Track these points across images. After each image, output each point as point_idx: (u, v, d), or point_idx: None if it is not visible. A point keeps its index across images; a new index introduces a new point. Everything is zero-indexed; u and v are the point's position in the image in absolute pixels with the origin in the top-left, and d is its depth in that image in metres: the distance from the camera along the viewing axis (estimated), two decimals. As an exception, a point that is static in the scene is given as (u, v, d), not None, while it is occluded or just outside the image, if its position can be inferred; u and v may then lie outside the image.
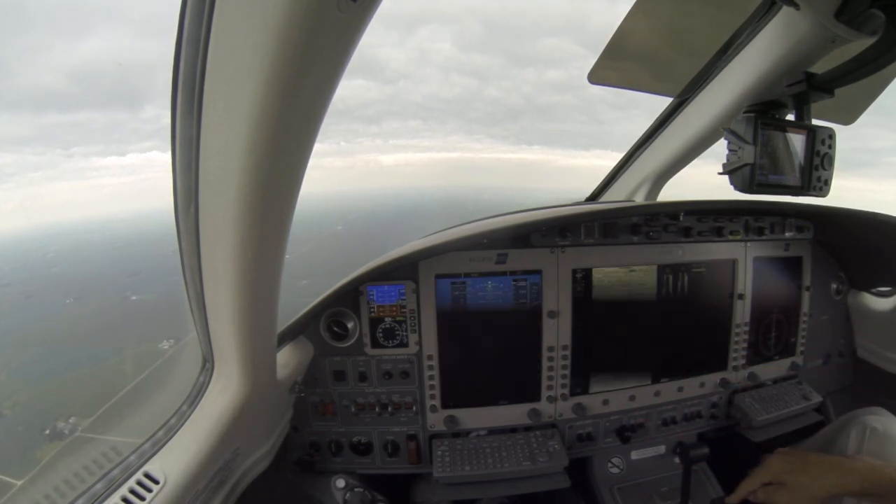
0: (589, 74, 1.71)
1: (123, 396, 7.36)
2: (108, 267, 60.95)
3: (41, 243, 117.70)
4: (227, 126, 0.70)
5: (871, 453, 1.52)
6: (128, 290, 41.44)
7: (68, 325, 34.70)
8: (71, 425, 13.00)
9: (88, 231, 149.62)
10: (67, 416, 13.91)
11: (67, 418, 13.63)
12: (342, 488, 1.62)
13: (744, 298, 1.97)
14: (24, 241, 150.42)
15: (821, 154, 1.30)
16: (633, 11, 1.46)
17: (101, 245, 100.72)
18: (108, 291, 43.04)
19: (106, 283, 46.73)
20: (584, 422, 1.88)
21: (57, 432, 12.85)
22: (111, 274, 51.98)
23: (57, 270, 70.78)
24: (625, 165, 2.26)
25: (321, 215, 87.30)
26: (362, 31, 0.62)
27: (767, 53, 1.37)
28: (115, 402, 6.72)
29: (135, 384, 6.84)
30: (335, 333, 1.72)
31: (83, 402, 16.23)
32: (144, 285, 43.75)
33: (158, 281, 43.13)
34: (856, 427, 1.58)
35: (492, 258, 1.73)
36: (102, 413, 9.97)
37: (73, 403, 16.85)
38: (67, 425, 13.08)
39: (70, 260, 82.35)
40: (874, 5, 1.05)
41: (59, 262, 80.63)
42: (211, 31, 0.62)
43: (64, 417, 13.80)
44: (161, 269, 46.96)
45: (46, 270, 72.60)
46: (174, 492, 0.99)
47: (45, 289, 55.37)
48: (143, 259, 60.87)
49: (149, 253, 63.63)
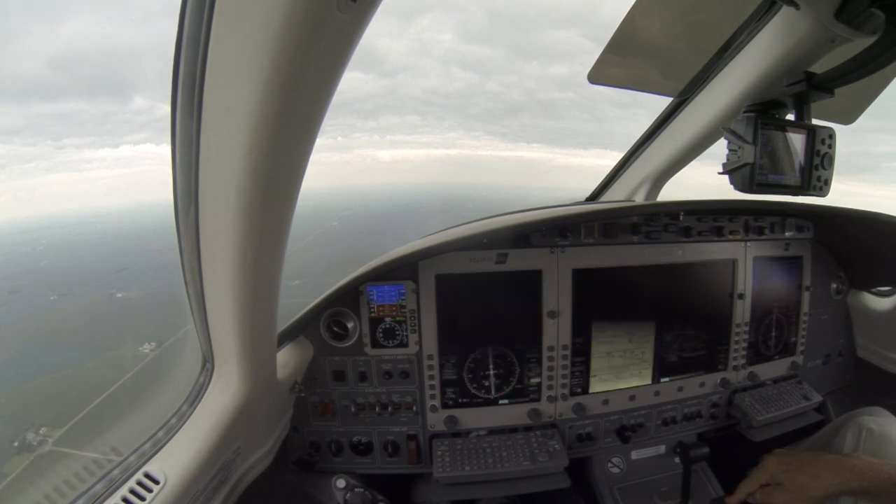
0: (589, 74, 1.71)
1: (99, 405, 7.05)
2: (98, 262, 59.36)
3: (33, 236, 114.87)
4: (227, 126, 0.71)
5: (867, 454, 1.52)
6: (114, 287, 40.63)
7: (50, 323, 33.73)
8: (41, 437, 12.66)
9: (82, 223, 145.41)
10: (39, 426, 13.52)
11: (38, 429, 13.26)
12: (343, 488, 1.62)
13: (744, 298, 1.97)
14: (15, 233, 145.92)
15: (821, 154, 1.31)
16: (633, 11, 1.46)
17: (93, 238, 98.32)
18: (94, 287, 41.96)
19: (93, 279, 45.49)
20: (584, 422, 1.88)
21: (26, 444, 12.49)
22: (100, 268, 50.76)
23: (45, 265, 68.84)
24: (625, 165, 2.26)
25: (317, 211, 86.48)
26: (362, 31, 0.62)
27: (767, 53, 1.37)
28: (90, 411, 6.35)
29: (111, 392, 6.60)
30: (335, 333, 1.72)
31: (57, 410, 15.61)
32: (131, 282, 42.70)
33: (146, 278, 41.14)
34: (852, 428, 1.58)
35: (492, 258, 1.73)
36: (75, 424, 9.55)
37: (46, 411, 16.20)
38: (38, 436, 12.75)
39: (60, 254, 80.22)
40: (874, 5, 1.05)
41: (48, 256, 78.27)
42: (211, 31, 0.62)
43: (35, 428, 13.39)
44: (150, 265, 45.79)
45: (35, 264, 70.83)
46: (174, 492, 0.99)
47: (32, 283, 53.89)
48: (134, 254, 58.41)
49: (140, 248, 61.59)
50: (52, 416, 15.23)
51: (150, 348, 17.97)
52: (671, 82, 1.78)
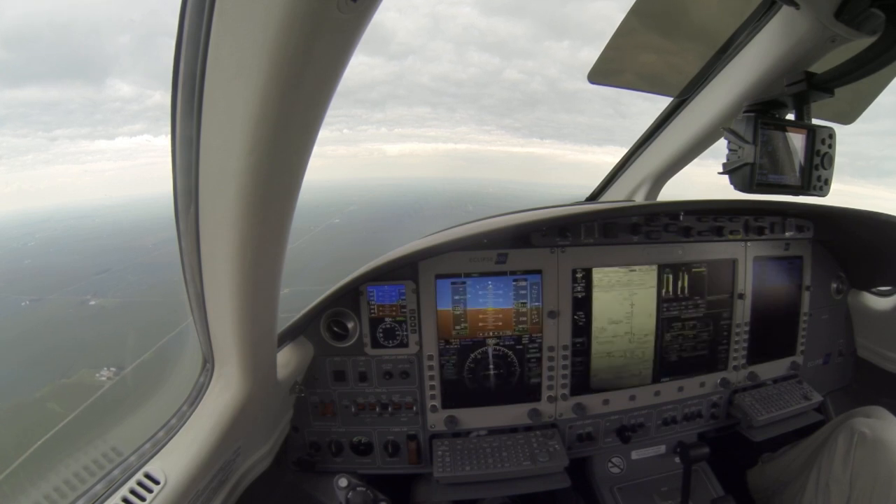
0: (589, 74, 1.71)
1: (36, 453, 5.45)
2: (82, 260, 55.87)
3: (28, 230, 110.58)
4: (227, 126, 0.70)
5: (859, 460, 1.52)
6: (89, 293, 38.42)
7: (14, 334, 31.44)
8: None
9: (81, 217, 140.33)
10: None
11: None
12: (345, 487, 1.62)
13: (744, 298, 1.97)
14: (15, 227, 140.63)
15: (821, 153, 1.30)
16: (634, 11, 1.46)
17: (86, 233, 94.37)
18: (69, 292, 39.34)
19: (71, 281, 42.80)
20: (585, 422, 1.88)
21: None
22: (81, 269, 47.79)
23: (28, 263, 65.93)
24: (625, 165, 2.26)
25: (319, 206, 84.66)
26: (362, 31, 0.61)
27: (767, 53, 1.37)
28: (24, 462, 4.82)
29: (54, 433, 5.39)
30: (335, 333, 1.72)
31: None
32: (110, 286, 40.49)
33: (125, 282, 38.91)
34: (844, 432, 1.58)
35: (492, 258, 1.73)
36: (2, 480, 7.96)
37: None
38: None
39: (47, 251, 76.95)
40: (874, 5, 1.05)
41: (36, 253, 75.37)
42: (211, 31, 0.62)
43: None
44: (134, 267, 42.46)
45: (18, 263, 67.88)
46: (174, 492, 0.99)
47: (8, 285, 49.64)
48: (122, 250, 55.68)
49: (129, 244, 57.51)
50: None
51: (107, 375, 16.23)
52: (671, 82, 1.78)
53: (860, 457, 1.52)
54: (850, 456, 1.53)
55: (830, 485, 1.58)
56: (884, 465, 1.47)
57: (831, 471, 1.58)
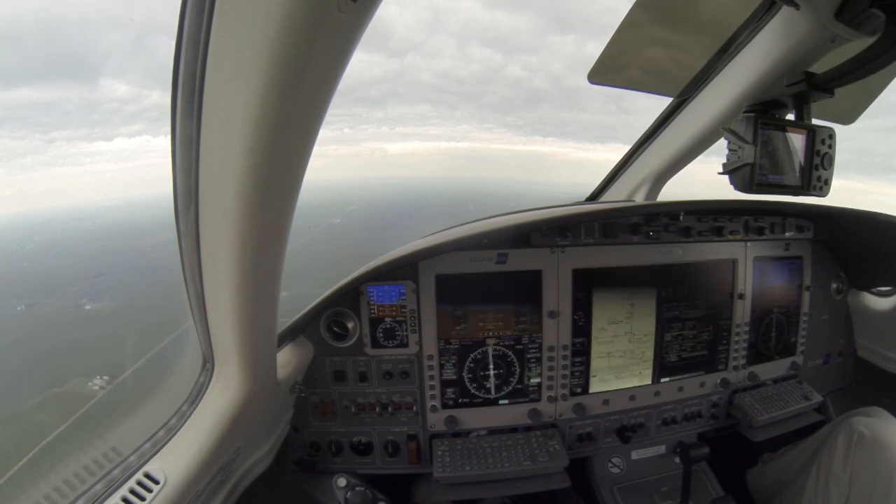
0: (589, 74, 1.71)
1: (18, 473, 5.09)
2: (80, 262, 55.59)
3: (27, 232, 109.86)
4: (227, 126, 0.71)
5: (858, 460, 1.52)
6: (84, 297, 37.88)
7: (8, 340, 31.04)
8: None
9: (82, 219, 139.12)
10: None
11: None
12: (343, 487, 1.62)
13: (744, 298, 1.97)
14: (15, 229, 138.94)
15: (821, 154, 1.30)
16: (633, 11, 1.46)
17: (86, 235, 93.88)
18: (65, 295, 38.81)
19: (68, 284, 42.41)
20: (585, 422, 1.88)
21: None
22: (79, 272, 47.37)
23: (26, 266, 65.08)
24: (625, 165, 2.26)
25: (319, 206, 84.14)
26: (362, 31, 0.62)
27: (767, 53, 1.37)
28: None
29: (40, 448, 5.10)
30: (335, 333, 1.72)
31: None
32: (106, 290, 39.90)
33: (122, 285, 38.13)
34: (844, 431, 1.58)
35: (492, 258, 1.73)
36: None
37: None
38: None
39: (45, 254, 75.97)
40: (874, 5, 1.05)
41: (34, 256, 74.14)
42: (211, 31, 0.62)
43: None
44: (131, 270, 41.60)
45: (16, 266, 67.15)
46: (174, 492, 0.99)
47: (5, 289, 49.45)
48: (120, 252, 54.82)
49: (128, 246, 56.57)
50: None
51: (100, 384, 15.99)
52: (671, 82, 1.78)
53: (860, 457, 1.52)
54: (849, 456, 1.54)
55: (830, 484, 1.58)
56: (883, 464, 1.47)
57: (831, 470, 1.58)
